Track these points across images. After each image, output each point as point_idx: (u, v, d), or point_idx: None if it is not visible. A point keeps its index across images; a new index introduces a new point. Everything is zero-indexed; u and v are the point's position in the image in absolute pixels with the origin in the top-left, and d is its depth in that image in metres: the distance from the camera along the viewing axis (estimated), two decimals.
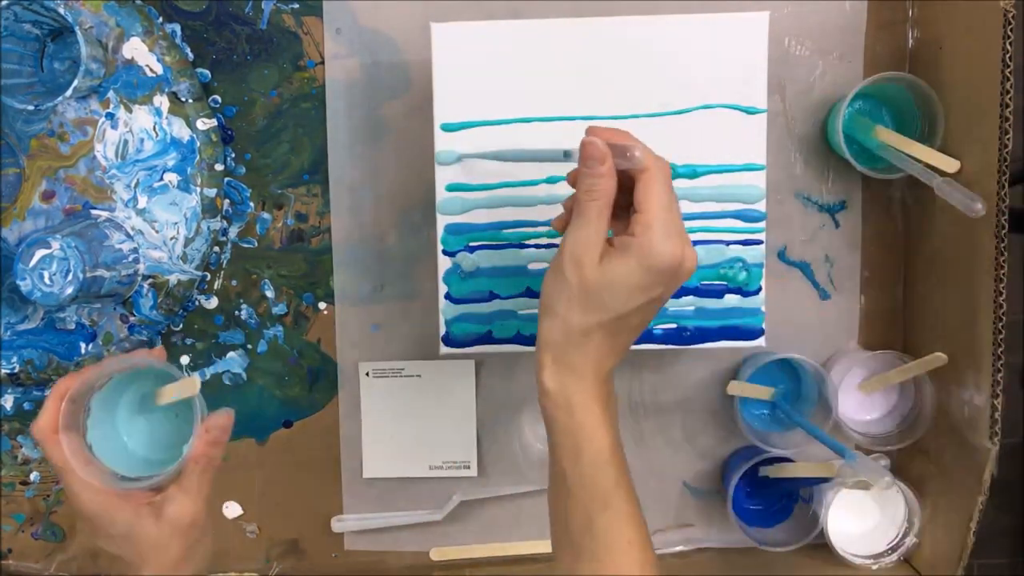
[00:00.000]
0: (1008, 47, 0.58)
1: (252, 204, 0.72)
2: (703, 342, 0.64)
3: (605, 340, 0.51)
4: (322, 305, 0.73)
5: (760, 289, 0.63)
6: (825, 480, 0.68)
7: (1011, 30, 0.59)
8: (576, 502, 0.52)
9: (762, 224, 0.63)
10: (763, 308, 0.63)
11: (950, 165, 0.63)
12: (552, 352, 0.52)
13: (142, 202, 0.68)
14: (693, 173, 0.62)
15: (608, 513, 0.51)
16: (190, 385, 0.53)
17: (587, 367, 0.51)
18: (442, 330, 0.64)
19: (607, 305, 0.50)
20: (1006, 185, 0.60)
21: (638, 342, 0.63)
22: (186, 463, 0.53)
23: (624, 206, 0.51)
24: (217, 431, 0.55)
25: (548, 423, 0.53)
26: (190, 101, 0.67)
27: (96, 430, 0.55)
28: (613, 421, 0.53)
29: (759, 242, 0.63)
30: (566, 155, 0.53)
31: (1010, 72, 0.58)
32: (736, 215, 0.62)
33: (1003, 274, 0.60)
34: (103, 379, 0.55)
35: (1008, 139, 0.59)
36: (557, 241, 0.62)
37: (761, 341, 0.64)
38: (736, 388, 0.69)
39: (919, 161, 0.63)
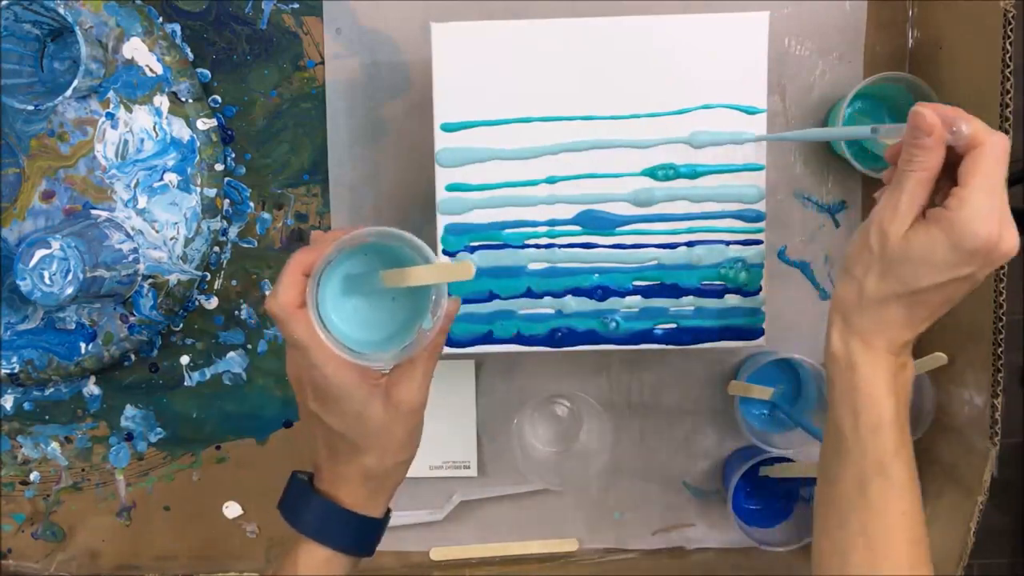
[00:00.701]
0: (1008, 47, 0.58)
1: (252, 204, 0.72)
2: (703, 342, 0.64)
3: (899, 312, 0.50)
4: None
5: (760, 289, 0.63)
6: None
7: (1011, 30, 0.59)
8: (850, 464, 0.50)
9: (762, 224, 0.63)
10: (763, 308, 0.63)
11: None
12: (843, 313, 0.51)
13: (142, 202, 0.68)
14: (693, 173, 0.62)
15: (884, 481, 0.50)
16: (466, 269, 0.47)
17: (877, 335, 0.50)
18: None
19: (905, 278, 0.49)
20: (1006, 185, 0.59)
21: (637, 342, 0.64)
22: (417, 348, 0.51)
23: (948, 187, 0.49)
24: (449, 320, 0.52)
25: (830, 384, 0.52)
26: (190, 101, 0.67)
27: (321, 306, 0.51)
28: (901, 392, 0.51)
29: (759, 242, 0.63)
30: (873, 131, 0.52)
31: (1010, 72, 0.59)
32: (736, 215, 0.62)
33: (1003, 274, 0.60)
34: (335, 254, 0.51)
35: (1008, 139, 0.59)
36: (557, 241, 0.63)
37: (761, 341, 0.64)
38: (736, 388, 0.69)
39: None
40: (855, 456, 0.50)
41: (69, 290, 0.62)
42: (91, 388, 0.73)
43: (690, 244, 0.63)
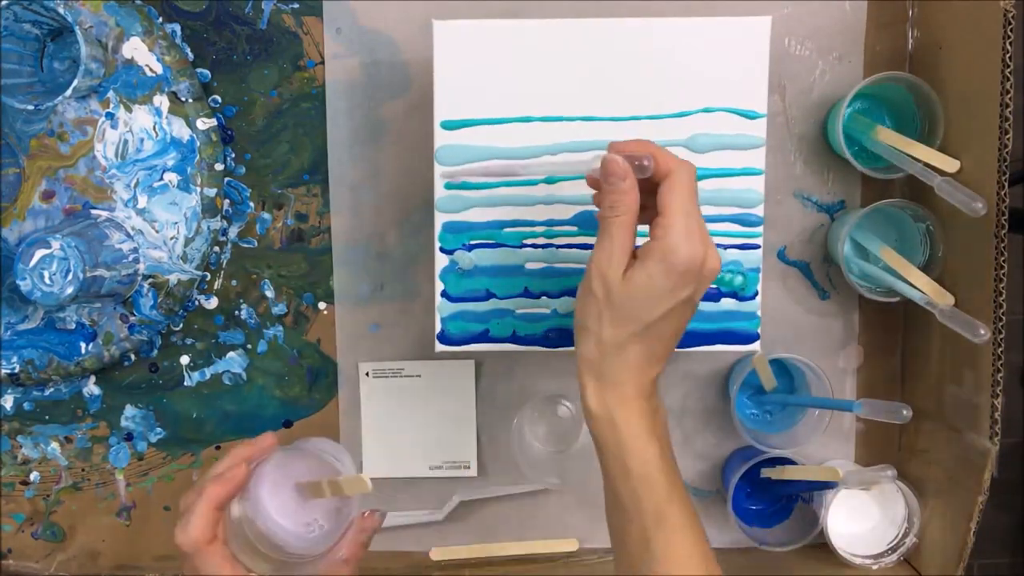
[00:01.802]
0: (1008, 47, 0.58)
1: (252, 204, 0.72)
2: (699, 345, 0.64)
3: (641, 351, 0.51)
4: (322, 305, 0.73)
5: (757, 294, 0.63)
6: (829, 485, 0.68)
7: (1011, 30, 0.59)
8: (631, 521, 0.52)
9: (760, 229, 0.62)
10: (759, 313, 0.63)
11: (950, 165, 0.63)
12: (591, 371, 0.52)
13: (142, 202, 0.68)
14: None
15: (663, 529, 0.51)
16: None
17: (627, 381, 0.51)
18: (438, 328, 0.64)
19: (635, 315, 0.50)
20: (1006, 185, 0.60)
21: None
22: (332, 560, 0.52)
23: (651, 209, 0.51)
24: (370, 534, 0.54)
25: (596, 444, 0.53)
26: (190, 101, 0.67)
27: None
28: (660, 432, 0.52)
29: (756, 247, 0.63)
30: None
31: (1010, 72, 0.58)
32: (734, 219, 0.62)
33: (1003, 274, 0.60)
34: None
35: (1008, 139, 0.59)
36: (555, 241, 0.63)
37: (756, 346, 0.64)
38: (759, 361, 0.68)
39: (919, 161, 0.63)
40: (633, 512, 0.51)
41: (69, 290, 0.62)
42: (91, 388, 0.73)
43: None
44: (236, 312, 0.73)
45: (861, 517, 0.73)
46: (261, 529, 0.50)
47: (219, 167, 0.69)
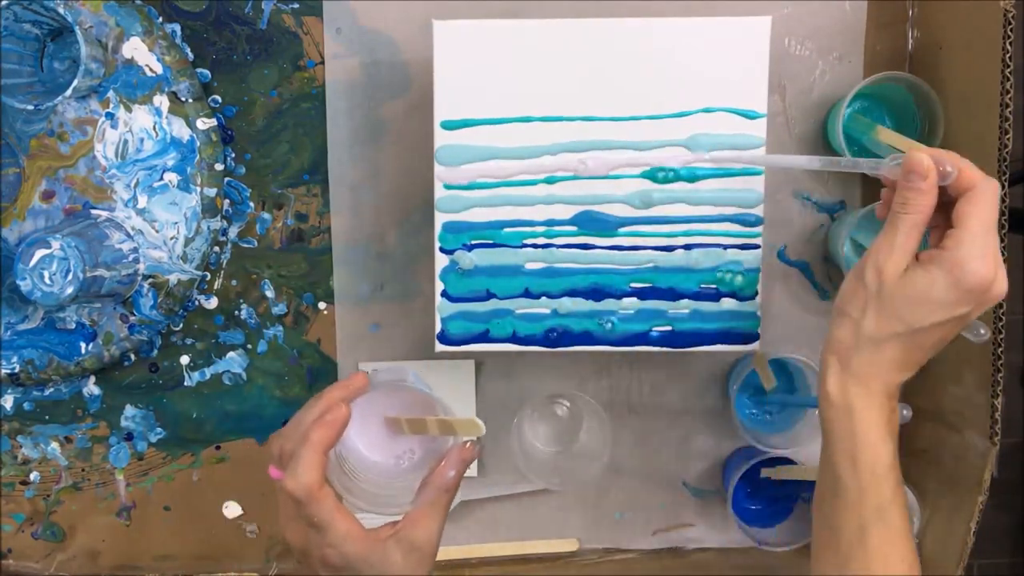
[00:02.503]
0: (1008, 47, 0.58)
1: (252, 204, 0.72)
2: (698, 346, 0.64)
3: (897, 353, 0.50)
4: (322, 305, 0.73)
5: (756, 294, 0.63)
6: None
7: (1011, 30, 0.59)
8: (850, 510, 0.51)
9: (759, 228, 0.63)
10: (759, 313, 0.63)
11: None
12: (839, 355, 0.51)
13: (142, 202, 0.68)
14: (693, 176, 0.62)
15: (883, 527, 0.50)
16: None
17: (873, 376, 0.51)
18: (438, 328, 0.64)
19: (904, 317, 0.49)
20: (1006, 185, 0.60)
21: (633, 344, 0.64)
22: (433, 488, 0.52)
23: (942, 227, 0.50)
24: (466, 464, 0.53)
25: (825, 426, 0.52)
26: (190, 101, 0.67)
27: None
28: (894, 435, 0.52)
29: (756, 246, 0.63)
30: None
31: (1010, 72, 0.58)
32: (734, 219, 0.62)
33: None
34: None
35: (1008, 139, 0.59)
36: (555, 241, 0.63)
37: (756, 346, 0.64)
38: (759, 360, 0.68)
39: None
40: (855, 503, 0.51)
41: (69, 290, 0.62)
42: (91, 388, 0.73)
43: (687, 247, 0.63)
44: (236, 312, 0.73)
45: None
46: (355, 466, 0.50)
47: (219, 167, 0.69)
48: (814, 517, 0.54)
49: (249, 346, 0.73)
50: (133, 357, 0.73)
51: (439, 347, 0.64)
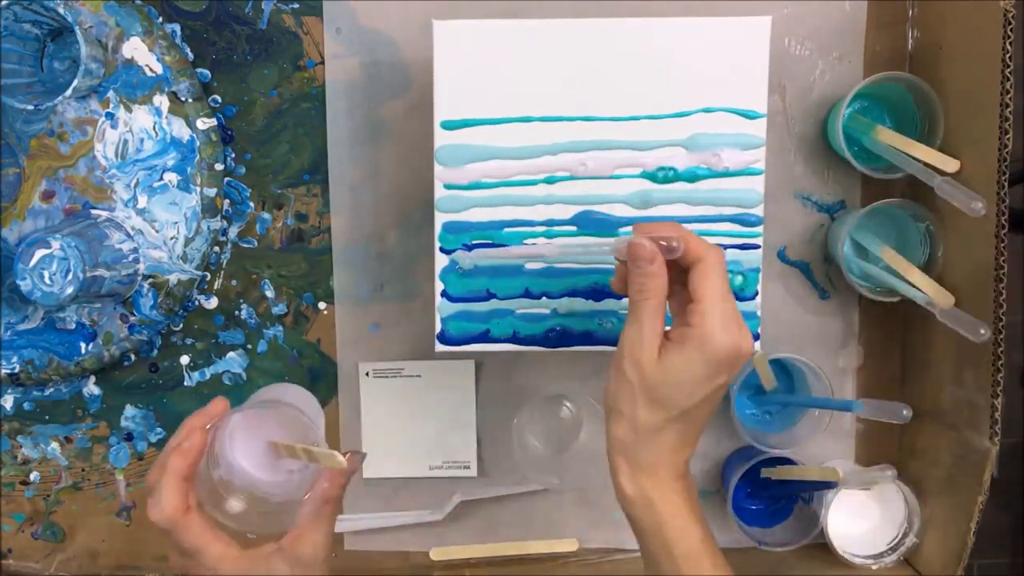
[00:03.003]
0: (1008, 47, 0.58)
1: (252, 204, 0.72)
2: None
3: (675, 436, 0.51)
4: (322, 305, 0.73)
5: (756, 294, 0.63)
6: (830, 485, 0.68)
7: (1011, 30, 0.59)
8: None
9: (759, 229, 0.62)
10: (759, 313, 0.63)
11: (950, 165, 0.63)
12: (624, 454, 0.52)
13: (142, 202, 0.68)
14: (693, 176, 0.62)
15: None
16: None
17: (661, 463, 0.51)
18: (438, 328, 0.64)
19: (673, 400, 0.50)
20: (1006, 185, 0.59)
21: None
22: (313, 502, 0.52)
23: (681, 296, 0.51)
24: (347, 476, 0.54)
25: (633, 524, 0.53)
26: (190, 101, 0.67)
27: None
28: (699, 511, 0.53)
29: (756, 247, 0.63)
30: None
31: (1010, 72, 0.58)
32: (734, 219, 0.62)
33: (1003, 274, 0.60)
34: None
35: (1008, 139, 0.59)
36: (555, 241, 0.63)
37: (756, 346, 0.64)
38: (759, 360, 0.68)
39: (919, 161, 0.63)
40: None
41: (69, 290, 0.62)
42: (91, 388, 0.73)
43: None
44: (236, 312, 0.73)
45: (861, 517, 0.73)
46: (240, 486, 0.50)
47: (219, 167, 0.69)
48: None
49: (249, 346, 0.73)
50: (133, 357, 0.73)
51: (439, 347, 0.64)
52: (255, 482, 0.51)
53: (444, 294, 0.63)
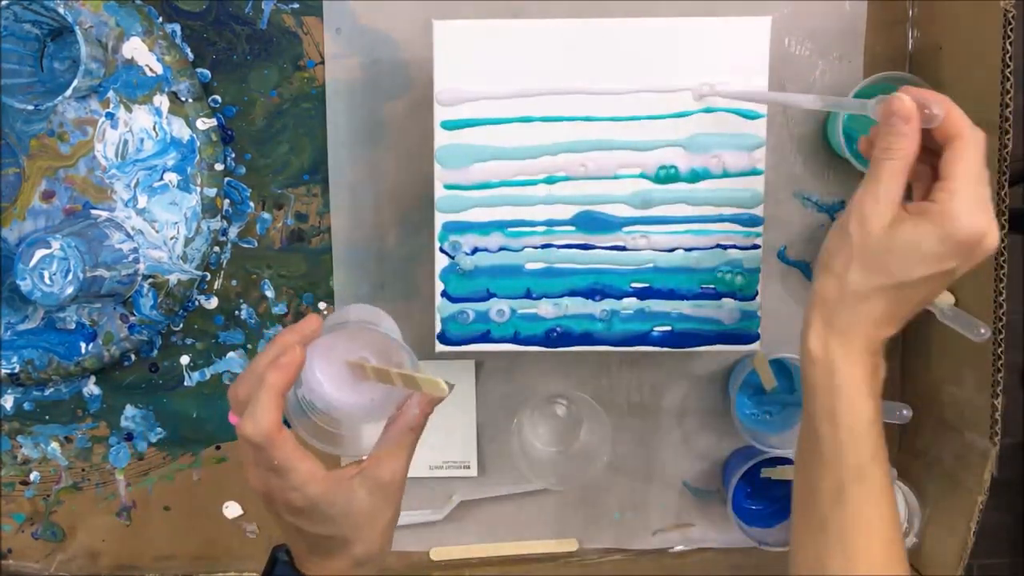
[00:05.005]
0: (1008, 47, 0.58)
1: (252, 204, 0.72)
2: (699, 346, 0.64)
3: (882, 307, 0.49)
4: (322, 305, 0.73)
5: (756, 294, 0.63)
6: None
7: (1011, 30, 0.59)
8: (828, 469, 0.49)
9: (760, 228, 0.63)
10: (759, 313, 0.63)
11: None
12: (822, 310, 0.50)
13: (142, 202, 0.68)
14: (693, 176, 0.62)
15: (862, 486, 0.49)
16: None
17: (857, 332, 0.49)
18: (438, 328, 0.64)
19: (891, 270, 0.48)
20: (1006, 185, 0.60)
21: (633, 344, 0.64)
22: (398, 428, 0.51)
23: (928, 179, 0.49)
24: (433, 405, 0.52)
25: (806, 385, 0.51)
26: (190, 101, 0.67)
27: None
28: (877, 393, 0.50)
29: (757, 247, 0.63)
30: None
31: (1010, 72, 0.58)
32: (734, 219, 0.62)
33: (1003, 274, 0.60)
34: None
35: (1008, 139, 0.59)
36: (555, 241, 0.63)
37: (756, 346, 0.64)
38: (759, 361, 0.68)
39: None
40: (833, 462, 0.50)
41: (69, 290, 0.62)
42: (91, 388, 0.73)
43: (688, 248, 0.63)
44: (236, 312, 0.73)
45: None
46: (321, 408, 0.50)
47: (219, 167, 0.69)
48: (795, 478, 0.53)
49: (249, 346, 0.73)
50: (133, 357, 0.73)
51: (439, 347, 0.64)
52: (337, 403, 0.50)
53: (444, 294, 0.63)
